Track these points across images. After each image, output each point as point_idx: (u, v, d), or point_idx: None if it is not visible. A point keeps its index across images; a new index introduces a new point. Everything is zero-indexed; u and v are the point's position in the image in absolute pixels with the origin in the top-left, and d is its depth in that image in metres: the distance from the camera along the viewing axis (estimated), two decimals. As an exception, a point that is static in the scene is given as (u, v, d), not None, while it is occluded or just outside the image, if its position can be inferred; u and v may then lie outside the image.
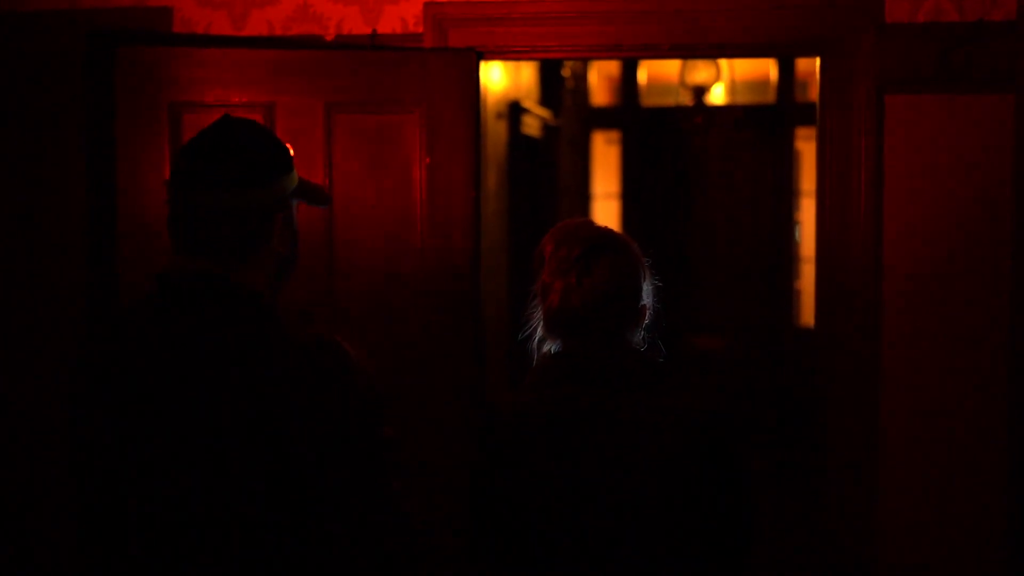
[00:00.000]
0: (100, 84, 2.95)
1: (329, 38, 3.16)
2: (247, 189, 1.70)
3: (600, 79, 7.65)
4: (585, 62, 7.17)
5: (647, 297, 2.04)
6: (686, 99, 6.88)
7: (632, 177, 7.58)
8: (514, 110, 5.62)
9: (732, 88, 7.19)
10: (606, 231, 2.03)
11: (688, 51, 3.11)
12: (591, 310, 1.95)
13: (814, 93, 7.14)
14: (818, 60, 3.08)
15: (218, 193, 1.69)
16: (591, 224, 2.04)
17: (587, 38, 3.08)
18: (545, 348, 2.04)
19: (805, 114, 7.16)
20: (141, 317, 1.70)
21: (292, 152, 1.85)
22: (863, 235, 3.00)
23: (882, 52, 2.96)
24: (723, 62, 6.89)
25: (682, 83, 6.76)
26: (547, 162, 6.56)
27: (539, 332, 2.04)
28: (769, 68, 7.22)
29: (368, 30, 3.15)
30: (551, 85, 6.63)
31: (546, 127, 6.44)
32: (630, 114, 7.57)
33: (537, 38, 3.10)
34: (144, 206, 2.94)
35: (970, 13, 2.94)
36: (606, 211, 7.59)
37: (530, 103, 6.01)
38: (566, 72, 6.92)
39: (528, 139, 5.94)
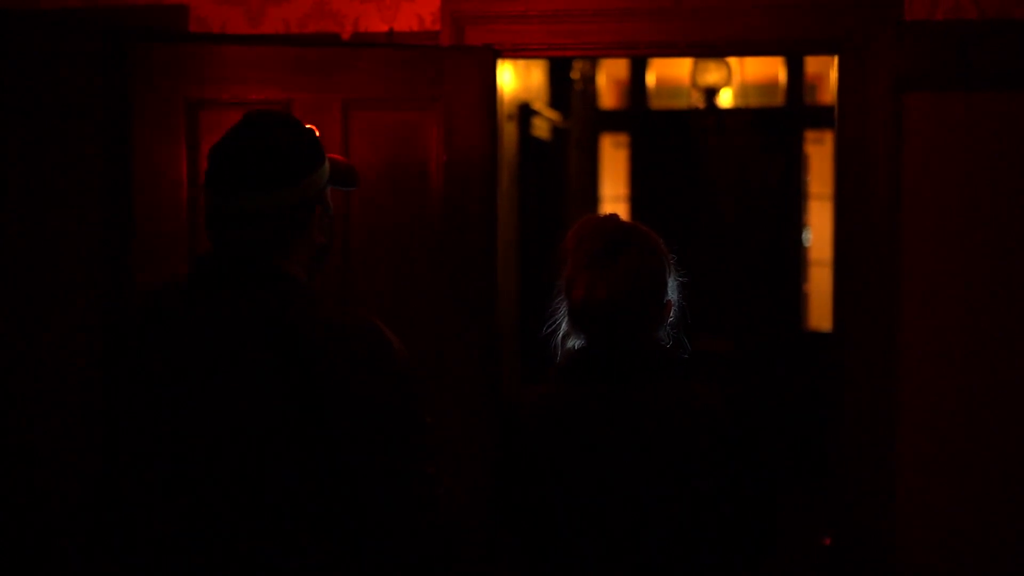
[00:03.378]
0: (117, 82, 2.95)
1: (345, 36, 3.16)
2: (282, 188, 1.69)
3: (608, 82, 7.64)
4: (594, 62, 7.16)
5: (672, 293, 2.04)
6: (696, 101, 6.87)
7: (640, 180, 7.57)
8: (524, 112, 5.61)
9: (741, 91, 7.18)
10: (631, 226, 2.02)
11: (705, 49, 3.11)
12: (616, 304, 1.94)
13: (823, 96, 7.20)
14: (836, 59, 3.07)
15: (253, 195, 1.68)
16: (616, 219, 2.04)
17: (604, 36, 3.08)
18: (569, 343, 2.03)
19: (814, 117, 7.14)
20: (177, 296, 1.71)
21: (318, 133, 1.83)
22: (882, 235, 2.99)
23: (901, 50, 2.95)
24: (734, 64, 6.88)
25: (693, 84, 6.75)
26: (556, 165, 6.55)
27: (563, 327, 2.04)
28: (778, 70, 7.21)
29: (385, 28, 3.14)
30: (560, 87, 6.62)
31: (555, 129, 6.43)
32: (638, 117, 7.55)
33: (554, 36, 3.09)
34: (161, 203, 2.94)
35: (989, 11, 2.93)
36: (614, 214, 7.57)
37: (540, 105, 6.00)
38: (575, 74, 6.91)
39: (538, 141, 5.93)
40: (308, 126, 1.83)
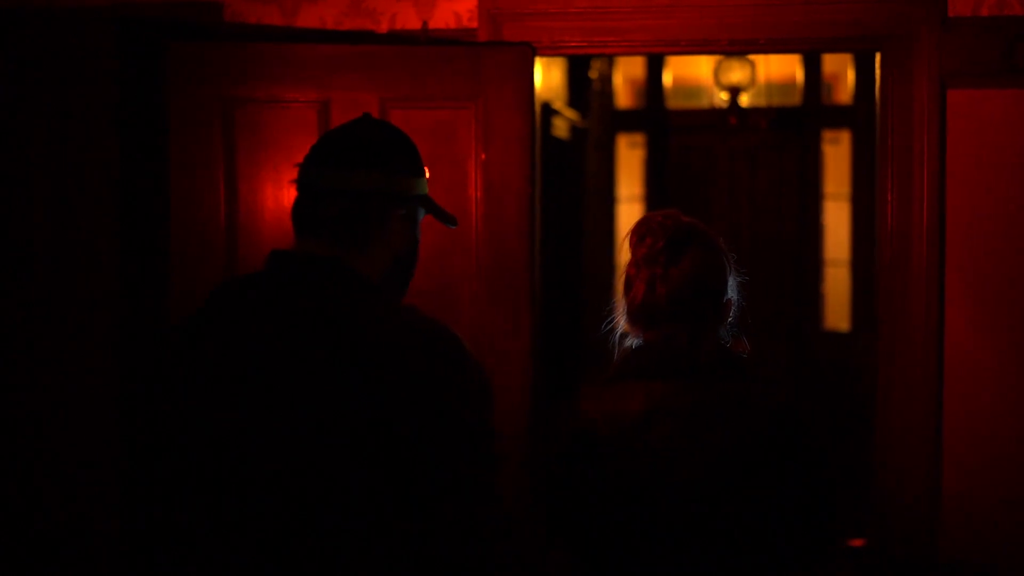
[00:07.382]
0: (151, 80, 2.92)
1: (381, 33, 3.12)
2: (367, 171, 1.70)
3: (625, 81, 7.60)
4: (611, 60, 7.12)
5: (732, 292, 2.01)
6: (719, 101, 6.84)
7: (655, 180, 7.54)
8: (544, 111, 5.59)
9: (758, 90, 7.15)
10: (691, 223, 2.00)
11: (747, 47, 3.07)
12: (675, 302, 1.93)
13: (840, 95, 7.17)
14: (878, 56, 3.04)
15: (338, 172, 1.70)
16: (677, 216, 2.02)
17: (644, 33, 3.04)
18: (628, 342, 2.01)
19: (831, 116, 7.12)
20: (242, 294, 1.67)
21: (428, 174, 1.85)
22: (925, 233, 2.96)
23: (945, 47, 2.93)
24: (759, 62, 6.85)
25: (717, 83, 6.71)
26: (575, 164, 6.53)
27: (621, 325, 2.02)
28: (795, 70, 7.18)
29: (420, 25, 3.10)
30: (579, 86, 6.59)
31: (574, 129, 6.41)
32: (654, 117, 7.53)
33: (593, 33, 3.06)
34: (197, 204, 2.90)
35: (1035, 7, 2.91)
36: (630, 215, 7.55)
37: (559, 104, 5.98)
38: (593, 73, 6.89)
39: (557, 141, 5.91)
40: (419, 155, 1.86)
